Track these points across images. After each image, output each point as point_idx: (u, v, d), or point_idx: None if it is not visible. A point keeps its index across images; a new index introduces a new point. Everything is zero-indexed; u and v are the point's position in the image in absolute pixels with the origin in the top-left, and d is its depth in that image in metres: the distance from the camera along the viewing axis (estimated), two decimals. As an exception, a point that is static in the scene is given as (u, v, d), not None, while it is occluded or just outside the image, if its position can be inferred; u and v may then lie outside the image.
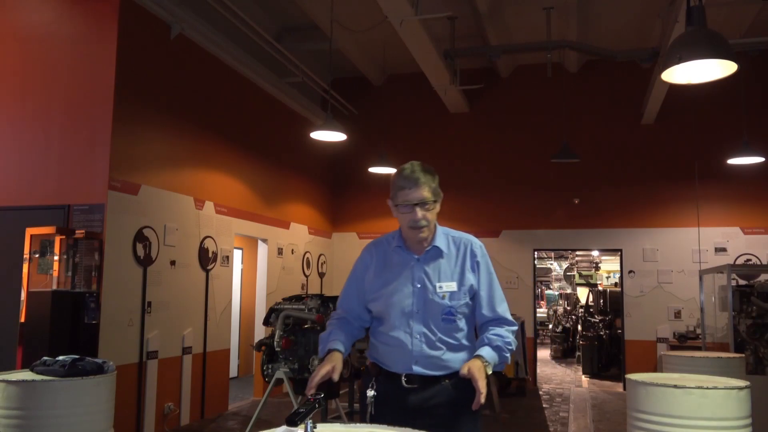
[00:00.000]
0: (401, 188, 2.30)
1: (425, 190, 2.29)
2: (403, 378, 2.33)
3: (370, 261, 2.47)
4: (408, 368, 2.33)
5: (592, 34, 9.11)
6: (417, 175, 2.29)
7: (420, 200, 2.28)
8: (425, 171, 2.32)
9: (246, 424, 6.29)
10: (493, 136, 10.45)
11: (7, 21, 6.29)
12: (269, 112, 8.85)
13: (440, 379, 2.32)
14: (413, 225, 2.30)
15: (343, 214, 11.01)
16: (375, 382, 2.39)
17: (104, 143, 5.79)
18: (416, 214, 2.29)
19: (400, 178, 2.32)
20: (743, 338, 6.60)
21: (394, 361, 2.37)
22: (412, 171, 2.31)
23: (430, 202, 2.30)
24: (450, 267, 2.38)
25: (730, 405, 3.08)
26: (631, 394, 3.43)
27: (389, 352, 2.39)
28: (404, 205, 2.30)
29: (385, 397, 2.36)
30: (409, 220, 2.31)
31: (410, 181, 2.29)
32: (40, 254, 5.51)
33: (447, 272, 2.37)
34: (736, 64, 3.68)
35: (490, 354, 2.27)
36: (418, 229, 2.31)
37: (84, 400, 3.28)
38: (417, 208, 2.29)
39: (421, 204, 2.29)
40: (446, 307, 2.33)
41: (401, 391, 2.33)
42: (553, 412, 7.73)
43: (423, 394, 2.31)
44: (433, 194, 2.31)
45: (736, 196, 9.46)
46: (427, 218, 2.30)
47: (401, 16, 6.85)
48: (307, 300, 5.46)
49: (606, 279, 17.45)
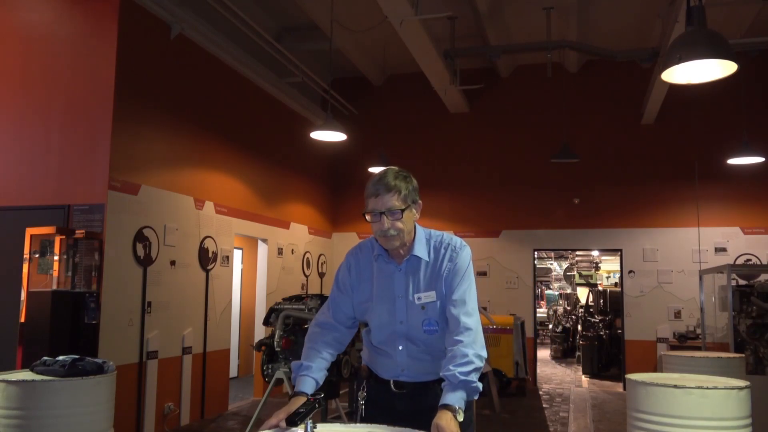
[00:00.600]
0: (369, 195, 2.17)
1: (394, 198, 2.14)
2: (391, 383, 2.31)
3: (354, 268, 2.36)
4: (395, 375, 2.31)
5: (592, 34, 9.11)
6: (386, 181, 2.15)
7: (387, 208, 2.14)
8: (397, 176, 2.18)
9: (246, 424, 6.29)
10: (493, 136, 10.45)
11: (8, 21, 6.29)
12: (269, 112, 8.85)
13: (428, 384, 2.29)
14: (381, 234, 2.18)
15: (343, 214, 11.01)
16: (366, 384, 2.38)
17: (104, 143, 5.80)
18: (383, 224, 2.15)
19: (370, 184, 2.18)
20: (743, 338, 6.59)
21: (382, 368, 2.35)
22: (381, 177, 2.17)
23: (397, 210, 2.15)
24: (429, 275, 2.26)
25: (730, 405, 3.08)
26: (631, 394, 3.43)
27: (377, 360, 2.37)
28: (372, 212, 2.17)
29: (375, 400, 2.35)
30: (377, 229, 2.18)
31: (378, 188, 2.15)
32: (40, 254, 5.51)
33: (426, 281, 2.25)
34: (736, 64, 3.68)
35: (457, 398, 2.04)
36: (387, 239, 2.18)
37: (84, 400, 3.28)
38: (384, 217, 2.15)
39: (388, 212, 2.14)
40: (426, 319, 2.23)
41: (390, 395, 2.31)
42: (553, 412, 7.73)
43: (412, 399, 2.29)
44: (402, 201, 2.16)
45: (736, 196, 9.46)
46: (396, 227, 2.16)
47: (401, 16, 6.85)
48: (307, 300, 5.46)
49: (606, 279, 17.45)
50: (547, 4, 8.08)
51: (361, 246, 2.40)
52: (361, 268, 2.35)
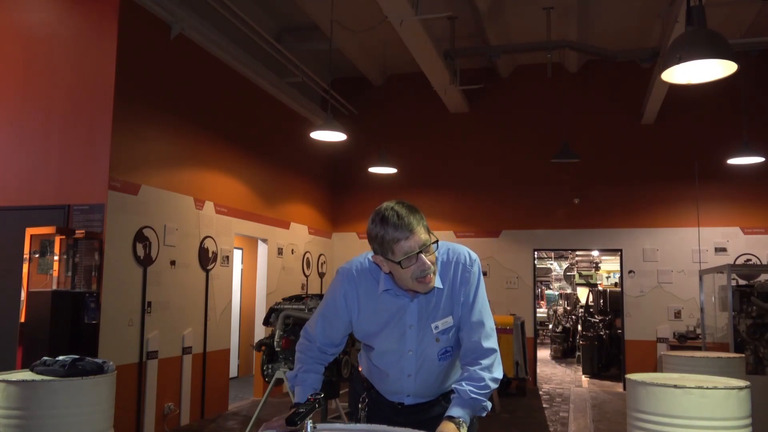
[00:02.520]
0: (396, 240, 1.94)
1: (422, 232, 1.95)
2: (396, 404, 2.26)
3: (353, 297, 2.15)
4: (400, 399, 2.25)
5: (592, 34, 9.11)
6: (407, 220, 1.94)
7: (421, 245, 1.95)
8: (410, 210, 1.98)
9: (246, 424, 6.29)
10: (493, 136, 10.45)
11: (8, 21, 6.29)
12: (269, 112, 8.85)
13: (433, 401, 2.25)
14: (421, 275, 1.98)
15: (343, 214, 11.01)
16: (367, 396, 2.32)
17: (104, 143, 5.79)
18: (424, 263, 1.97)
19: (389, 228, 1.94)
20: (743, 338, 6.60)
21: (384, 390, 2.28)
22: (399, 217, 1.94)
23: (429, 243, 1.98)
24: (444, 300, 2.12)
25: (730, 405, 3.08)
26: (631, 394, 3.43)
27: (379, 380, 2.28)
28: (407, 257, 1.95)
29: (377, 410, 2.30)
30: (414, 271, 1.97)
31: (404, 230, 1.93)
32: (40, 254, 5.51)
33: (441, 307, 2.12)
34: (736, 64, 3.68)
35: (462, 412, 2.01)
36: (427, 279, 2.00)
37: (84, 400, 3.28)
38: (421, 255, 1.96)
39: (423, 250, 1.96)
40: (442, 348, 2.15)
41: (393, 411, 2.27)
42: (553, 412, 7.73)
43: (416, 414, 2.25)
44: (428, 232, 1.99)
45: (736, 196, 9.45)
46: (432, 261, 2.00)
47: (401, 16, 6.85)
48: (307, 300, 5.47)
49: (606, 279, 17.45)
50: (547, 4, 8.08)
51: (357, 271, 2.17)
52: (361, 299, 2.16)
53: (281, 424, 1.86)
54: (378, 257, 2.03)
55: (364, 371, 2.36)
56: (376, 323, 2.15)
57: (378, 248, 2.00)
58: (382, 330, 2.15)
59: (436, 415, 2.11)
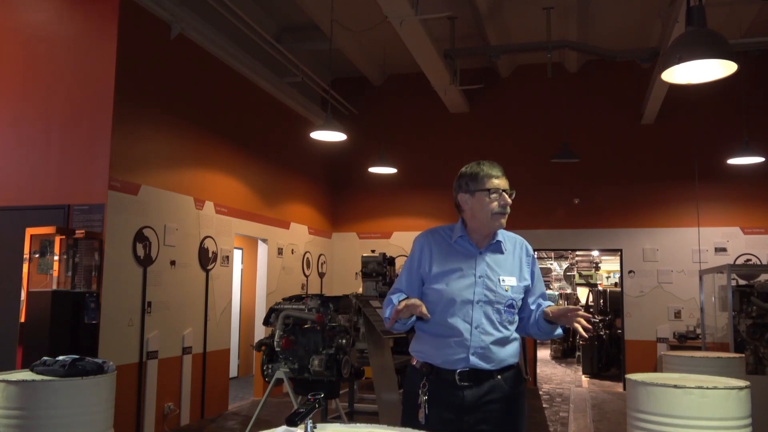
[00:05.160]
0: (489, 176, 2.41)
1: (507, 182, 2.45)
2: (456, 376, 2.32)
3: (428, 248, 2.49)
4: (464, 360, 2.33)
5: (592, 34, 9.11)
6: (501, 168, 2.46)
7: (506, 187, 2.42)
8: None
9: (246, 424, 6.29)
10: (493, 136, 10.45)
11: (8, 21, 6.29)
12: (269, 112, 8.85)
13: (493, 374, 2.34)
14: (501, 210, 2.40)
15: (343, 214, 11.01)
16: (426, 381, 2.37)
17: (104, 143, 5.79)
18: (506, 200, 2.40)
19: (485, 167, 2.44)
20: (743, 338, 6.60)
21: (448, 354, 2.35)
22: (493, 164, 2.46)
23: (512, 192, 2.45)
24: (510, 262, 2.45)
25: (730, 405, 3.08)
26: (631, 394, 3.43)
27: (443, 345, 2.37)
28: (494, 190, 2.39)
29: (438, 398, 2.34)
30: (496, 205, 2.39)
31: (497, 170, 2.44)
32: (40, 254, 5.51)
33: (507, 267, 2.44)
34: (736, 64, 3.68)
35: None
36: (503, 215, 2.41)
37: (84, 400, 3.28)
38: (505, 194, 2.41)
39: (509, 192, 2.42)
40: (509, 298, 2.39)
41: (454, 388, 2.32)
42: (553, 412, 7.73)
43: (476, 392, 2.31)
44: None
45: (736, 196, 9.45)
46: (510, 205, 2.44)
47: (401, 16, 6.85)
48: (307, 300, 5.46)
49: (606, 279, 17.44)
50: (547, 4, 8.08)
51: (432, 231, 2.55)
52: (434, 248, 2.48)
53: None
54: (464, 195, 2.45)
55: (421, 355, 2.45)
56: (446, 267, 2.42)
57: (470, 183, 2.44)
58: (453, 275, 2.40)
59: (495, 399, 2.30)
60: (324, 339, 5.21)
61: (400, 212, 10.53)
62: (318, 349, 5.22)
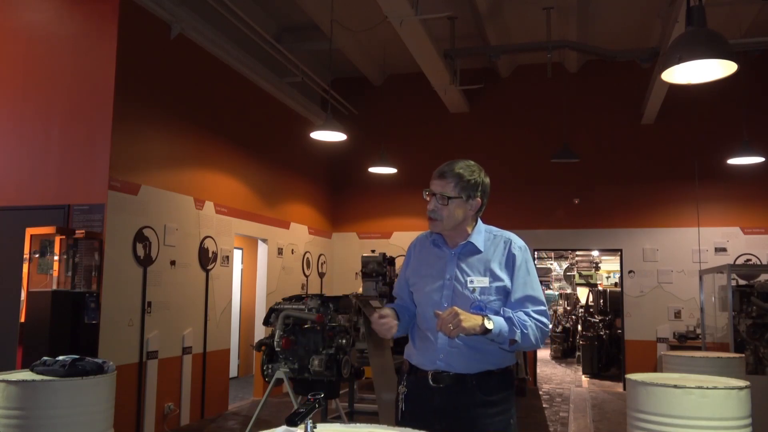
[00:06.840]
0: (432, 176, 2.36)
1: (450, 186, 2.30)
2: (429, 376, 2.32)
3: (412, 254, 2.53)
4: (433, 364, 2.32)
5: (592, 34, 9.11)
6: (448, 168, 2.33)
7: (438, 192, 2.31)
8: (464, 168, 2.34)
9: (246, 424, 6.29)
10: (493, 136, 10.45)
11: (8, 21, 6.29)
12: (269, 112, 8.85)
13: (466, 378, 2.29)
14: (428, 214, 2.36)
15: (343, 214, 11.01)
16: (405, 379, 2.42)
17: (104, 143, 5.79)
18: (429, 204, 2.34)
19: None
20: (743, 338, 6.60)
21: (422, 356, 2.38)
22: (450, 162, 2.35)
23: (447, 197, 2.30)
24: (483, 263, 2.34)
25: (730, 405, 3.08)
26: (631, 394, 3.43)
27: (419, 348, 2.41)
28: (427, 192, 2.35)
29: (414, 396, 2.38)
30: (427, 208, 2.35)
31: (442, 171, 2.34)
32: (40, 254, 5.51)
33: (479, 267, 2.33)
34: (736, 64, 3.68)
35: (496, 319, 2.18)
36: (430, 220, 2.35)
37: (84, 400, 3.28)
38: (434, 199, 2.33)
39: (439, 196, 2.31)
40: (475, 301, 2.27)
41: (429, 390, 2.33)
42: (553, 412, 7.73)
43: (449, 395, 2.29)
44: (455, 191, 2.30)
45: (736, 196, 9.45)
46: (438, 212, 2.31)
47: (401, 16, 6.85)
48: (307, 300, 5.46)
49: (606, 279, 17.44)
50: (547, 4, 8.08)
51: (421, 236, 2.57)
52: (416, 253, 2.52)
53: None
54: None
55: (406, 354, 2.49)
56: (420, 271, 2.44)
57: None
58: (427, 278, 2.40)
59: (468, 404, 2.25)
60: (324, 339, 5.21)
61: (400, 212, 10.53)
62: (318, 349, 5.22)
